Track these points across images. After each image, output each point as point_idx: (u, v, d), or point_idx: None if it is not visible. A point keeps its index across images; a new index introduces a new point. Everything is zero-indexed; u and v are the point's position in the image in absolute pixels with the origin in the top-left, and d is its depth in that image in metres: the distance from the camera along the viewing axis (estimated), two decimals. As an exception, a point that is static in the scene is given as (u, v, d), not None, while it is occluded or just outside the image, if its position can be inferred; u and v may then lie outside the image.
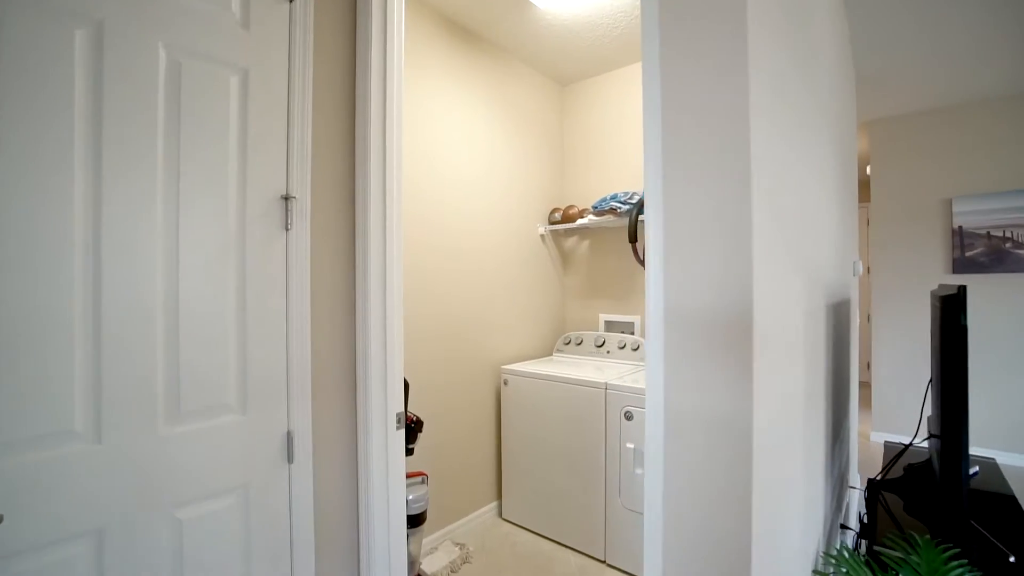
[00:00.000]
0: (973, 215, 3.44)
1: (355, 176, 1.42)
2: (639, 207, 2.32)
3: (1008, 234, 3.32)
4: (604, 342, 2.69)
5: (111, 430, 1.00)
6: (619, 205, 2.47)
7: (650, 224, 0.89)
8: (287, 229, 1.27)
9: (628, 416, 2.05)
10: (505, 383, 2.51)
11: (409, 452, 1.68)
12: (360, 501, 1.40)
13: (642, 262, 2.41)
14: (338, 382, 1.38)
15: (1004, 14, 2.32)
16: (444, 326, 2.31)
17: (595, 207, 2.58)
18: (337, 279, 1.39)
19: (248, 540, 1.20)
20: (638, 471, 2.02)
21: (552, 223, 2.89)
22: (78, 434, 0.97)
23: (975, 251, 3.44)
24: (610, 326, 2.86)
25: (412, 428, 1.63)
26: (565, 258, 3.08)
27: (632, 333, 2.74)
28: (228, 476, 1.16)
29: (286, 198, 1.26)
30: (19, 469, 0.90)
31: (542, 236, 2.91)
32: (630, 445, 2.03)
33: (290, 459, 1.27)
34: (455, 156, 2.38)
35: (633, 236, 2.28)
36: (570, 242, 3.05)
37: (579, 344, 2.78)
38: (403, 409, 1.44)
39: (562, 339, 2.87)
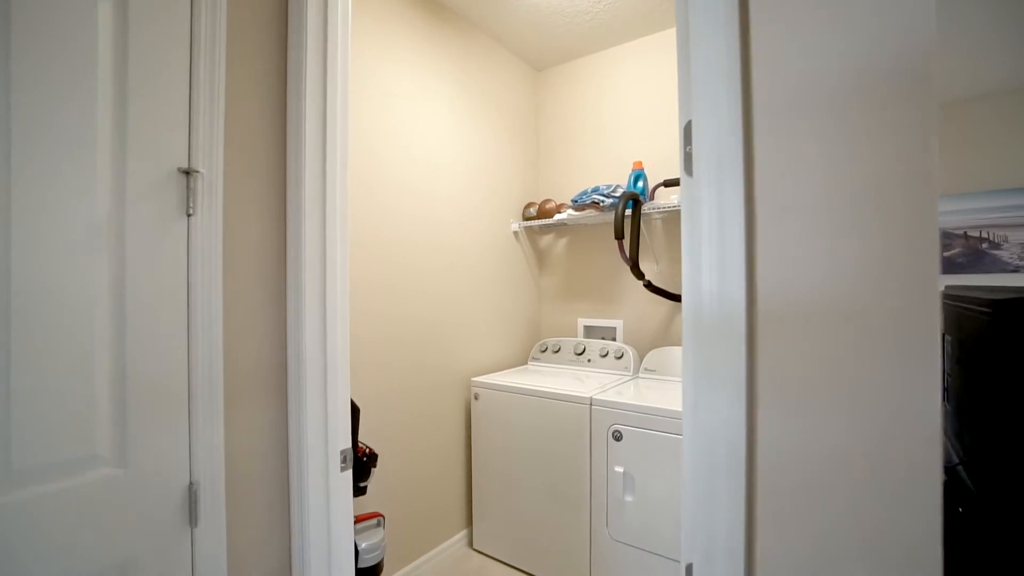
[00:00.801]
0: (950, 215, 3.40)
1: (287, 150, 1.11)
2: (626, 201, 2.08)
3: (985, 234, 3.28)
4: (584, 349, 2.44)
5: None
6: (602, 198, 2.23)
7: (715, 185, 0.62)
8: (189, 214, 0.95)
9: (617, 436, 1.81)
10: (476, 397, 2.22)
11: (361, 492, 1.38)
12: (294, 567, 1.09)
13: (629, 260, 2.18)
14: (263, 413, 1.07)
15: (964, 11, 2.23)
16: (406, 333, 2.01)
17: (575, 201, 2.33)
18: (263, 285, 1.08)
19: (130, 637, 0.88)
20: (628, 498, 1.78)
21: (527, 219, 2.63)
22: None
23: (952, 251, 3.39)
24: (590, 331, 2.62)
25: (364, 463, 1.33)
26: (540, 257, 2.82)
27: (614, 339, 2.51)
28: (98, 554, 0.84)
29: (187, 172, 0.94)
30: None
31: (515, 233, 2.64)
32: (619, 469, 1.79)
33: (193, 521, 0.95)
34: (421, 141, 2.08)
35: (620, 232, 2.05)
36: (546, 240, 2.80)
37: (556, 352, 2.53)
38: (350, 444, 1.14)
39: (538, 346, 2.61)
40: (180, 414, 0.93)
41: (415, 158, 2.06)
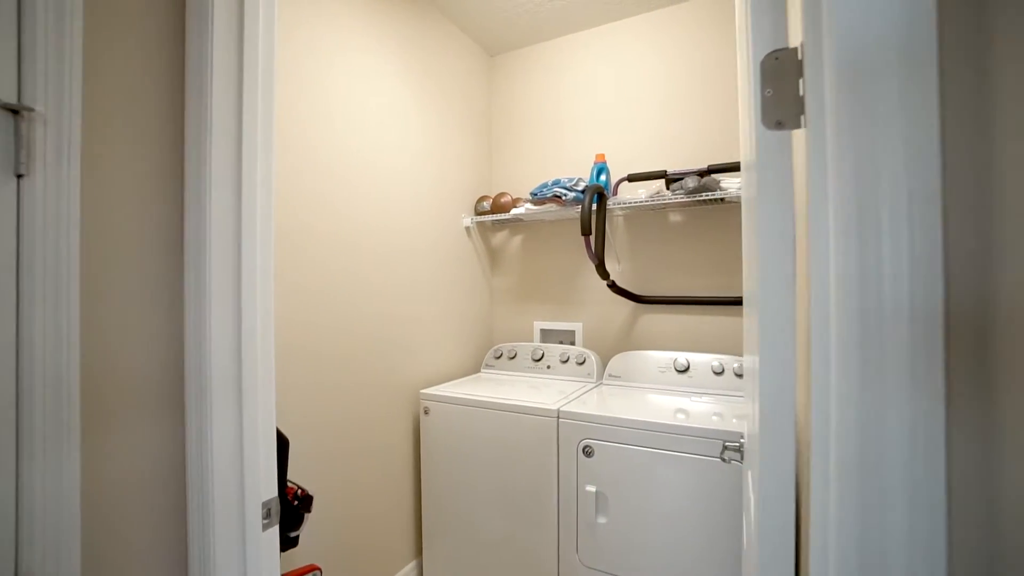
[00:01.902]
0: None
1: (185, 102, 0.82)
2: (593, 195, 1.92)
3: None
4: (543, 355, 2.25)
5: None
6: (564, 192, 2.05)
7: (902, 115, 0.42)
8: (19, 175, 0.64)
9: (588, 452, 1.63)
10: (426, 412, 1.96)
11: (291, 544, 1.09)
12: (191, 666, 0.79)
13: (595, 258, 2.02)
14: (149, 447, 0.77)
15: None
16: (344, 345, 1.71)
17: (534, 194, 2.14)
18: (150, 277, 0.78)
19: None
20: (601, 520, 1.60)
21: (479, 213, 2.40)
22: None
23: None
24: (547, 335, 2.44)
25: (295, 508, 1.05)
26: (493, 256, 2.61)
27: (573, 343, 2.35)
28: None
29: (14, 111, 0.63)
30: None
31: (467, 228, 2.41)
32: (591, 488, 1.61)
33: (26, 630, 0.64)
34: (364, 124, 1.79)
35: (587, 228, 1.87)
36: (499, 237, 2.58)
37: (512, 358, 2.32)
38: (276, 492, 0.86)
39: (492, 352, 2.39)
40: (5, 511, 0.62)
41: (357, 145, 1.77)
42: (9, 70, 0.63)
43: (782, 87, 0.47)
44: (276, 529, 0.86)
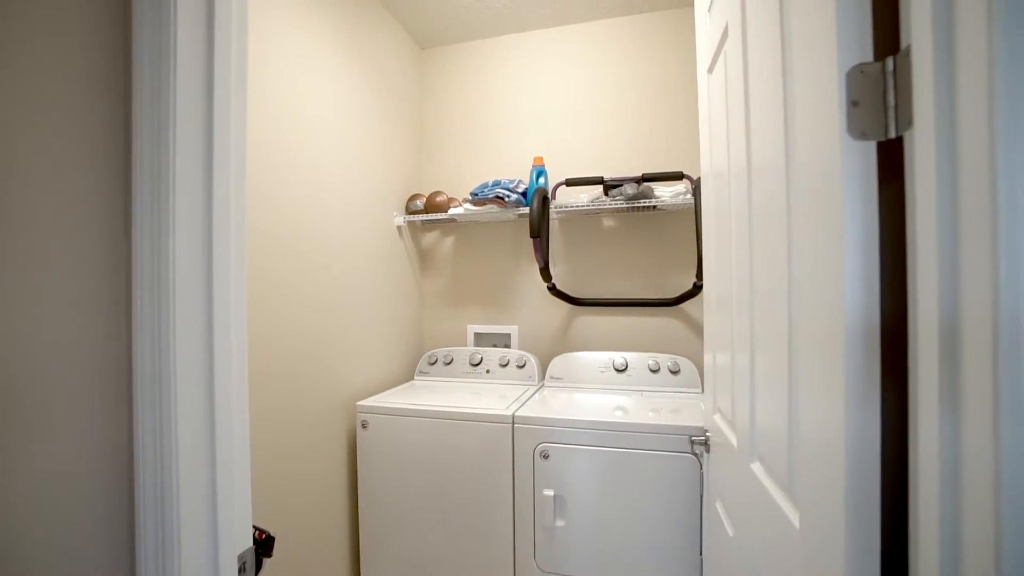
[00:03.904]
0: None
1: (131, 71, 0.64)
2: (541, 197, 1.91)
3: None
4: (481, 359, 2.20)
5: None
6: (507, 193, 2.02)
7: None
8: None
9: (545, 455, 1.61)
10: (363, 425, 1.80)
11: (240, 596, 0.91)
12: None
13: (541, 260, 2.02)
14: (80, 465, 0.59)
15: None
16: (272, 355, 1.50)
17: (474, 194, 2.08)
18: (83, 247, 0.60)
19: None
20: (559, 523, 1.59)
21: (411, 212, 2.28)
22: None
23: None
24: (481, 339, 2.39)
25: (256, 554, 0.88)
26: (423, 257, 2.49)
27: (508, 346, 2.33)
28: None
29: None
30: None
31: (399, 228, 2.27)
32: (548, 492, 1.59)
33: None
34: (300, 113, 1.59)
35: (536, 231, 1.86)
36: (430, 237, 2.47)
37: (448, 363, 2.23)
38: (251, 544, 0.71)
39: (426, 358, 2.27)
40: None
41: (291, 135, 1.57)
42: None
43: (869, 98, 0.49)
44: (253, 583, 0.71)
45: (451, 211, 2.17)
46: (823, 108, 0.54)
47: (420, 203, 2.27)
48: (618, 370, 2.02)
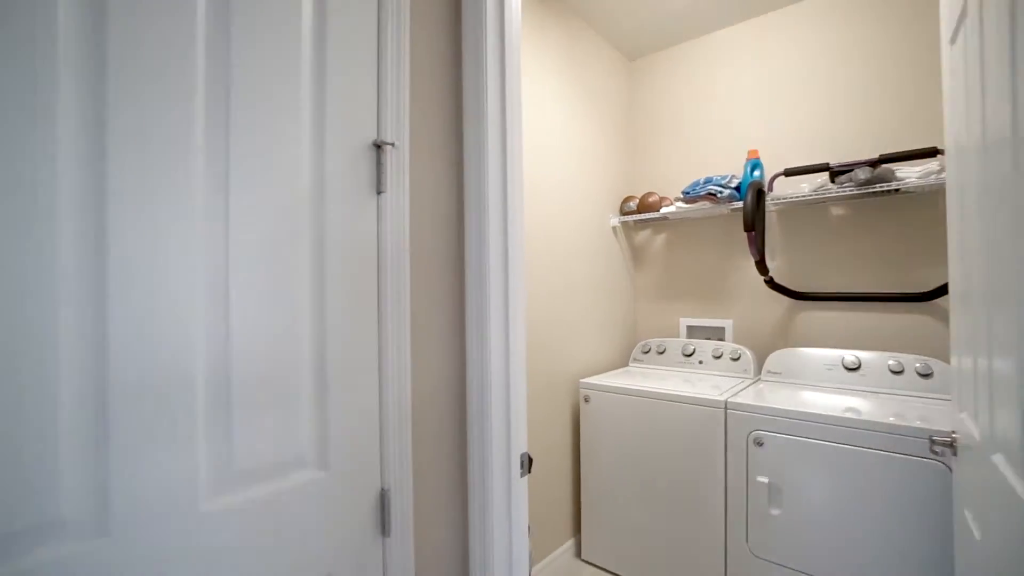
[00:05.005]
0: None
1: (463, 124, 1.02)
2: (755, 191, 1.93)
3: None
4: (694, 351, 2.29)
5: (124, 513, 0.59)
6: (719, 189, 2.08)
7: None
8: (379, 191, 0.87)
9: (759, 442, 1.65)
10: (586, 400, 2.11)
11: (510, 499, 1.28)
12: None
13: (757, 254, 2.02)
14: (442, 415, 0.98)
15: None
16: (518, 333, 1.91)
17: (686, 193, 2.19)
18: (440, 269, 0.99)
19: (328, 658, 0.80)
20: (774, 512, 1.61)
21: (625, 213, 2.50)
22: (68, 524, 0.56)
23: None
24: (693, 332, 2.46)
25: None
26: (636, 254, 2.69)
27: (722, 339, 2.35)
28: (305, 563, 0.76)
29: (378, 145, 0.86)
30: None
31: (614, 228, 2.52)
32: (763, 479, 1.63)
33: (385, 531, 0.87)
34: (528, 127, 1.99)
35: (750, 224, 1.89)
36: (642, 236, 2.66)
37: (661, 353, 2.38)
38: (526, 449, 1.04)
39: (640, 347, 2.47)
40: (370, 417, 0.85)
41: (528, 155, 1.97)
42: (371, 117, 0.86)
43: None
44: (527, 480, 1.04)
45: (663, 210, 2.32)
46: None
47: (633, 204, 2.48)
48: (849, 369, 1.88)
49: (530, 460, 1.26)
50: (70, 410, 0.55)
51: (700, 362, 2.25)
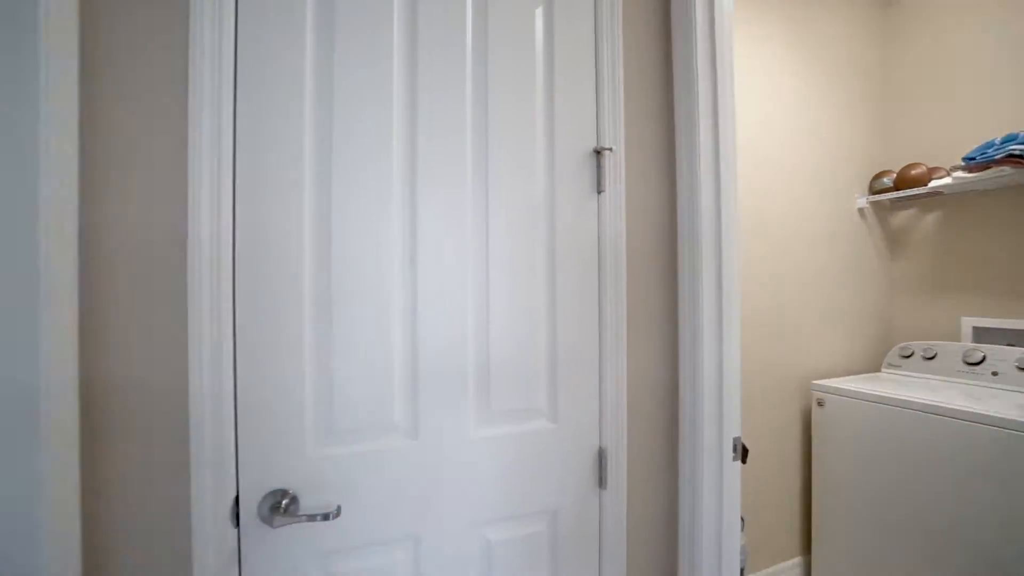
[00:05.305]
0: None
1: (674, 126, 1.08)
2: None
3: None
4: (984, 358, 1.81)
5: (427, 425, 0.87)
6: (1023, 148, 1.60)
7: None
8: (599, 191, 1.00)
9: (1088, 483, 1.24)
10: (819, 404, 1.88)
11: (724, 488, 1.27)
12: (682, 551, 1.06)
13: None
14: (653, 390, 1.07)
15: None
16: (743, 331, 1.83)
17: (969, 159, 1.74)
18: (651, 259, 1.08)
19: (556, 577, 0.97)
20: (1116, 579, 1.19)
21: (877, 191, 2.12)
22: (397, 426, 0.85)
23: None
24: (981, 335, 1.94)
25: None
26: (892, 239, 2.24)
27: (1032, 347, 1.79)
28: (535, 497, 0.95)
29: (598, 152, 1.00)
30: (352, 459, 0.82)
31: (861, 210, 2.16)
32: (1095, 532, 1.22)
33: (602, 483, 1.00)
34: (748, 109, 1.88)
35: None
36: (902, 217, 2.20)
37: (930, 359, 1.95)
38: (739, 434, 1.04)
39: (897, 350, 2.07)
40: (591, 386, 1.00)
41: (742, 131, 1.87)
42: (591, 127, 1.00)
43: None
44: (739, 464, 1.05)
45: (933, 183, 1.90)
46: None
47: (888, 180, 2.08)
48: None
49: (744, 449, 1.24)
50: (399, 375, 0.85)
51: (994, 373, 1.77)
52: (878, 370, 2.13)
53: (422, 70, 0.87)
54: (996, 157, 1.67)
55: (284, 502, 0.77)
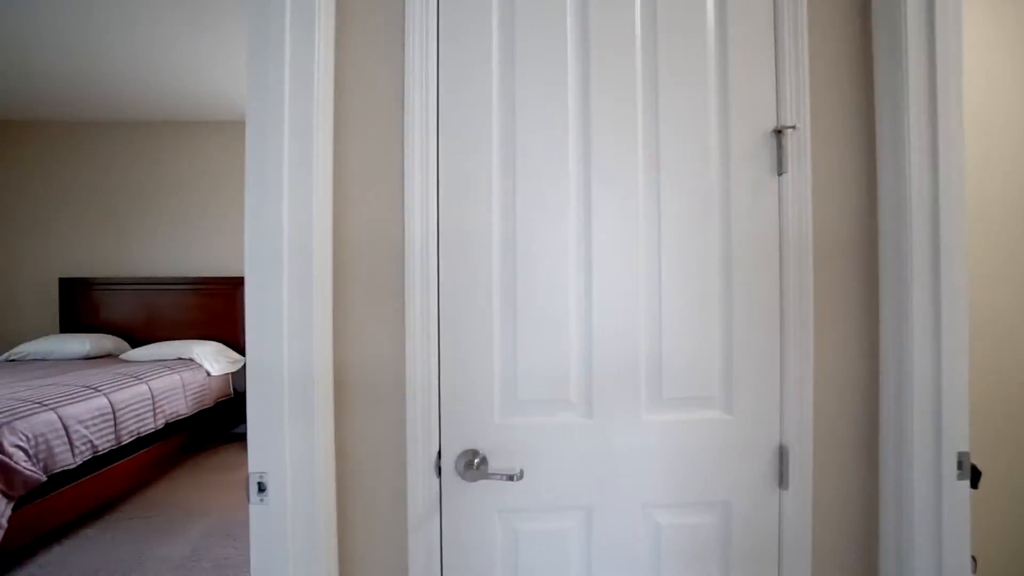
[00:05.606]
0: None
1: (875, 102, 0.95)
2: None
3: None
4: None
5: (600, 406, 0.92)
6: None
7: None
8: (780, 173, 0.94)
9: None
10: (1092, 428, 1.46)
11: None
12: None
13: None
14: (844, 389, 0.97)
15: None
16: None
17: None
18: (843, 245, 0.97)
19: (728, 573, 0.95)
20: None
21: None
22: (573, 405, 0.92)
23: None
24: None
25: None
26: None
27: None
28: (706, 487, 0.94)
29: (778, 131, 0.93)
30: (533, 430, 0.92)
31: None
32: None
33: (782, 483, 0.94)
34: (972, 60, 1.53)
35: None
36: None
37: None
38: (968, 450, 0.89)
39: None
40: (771, 379, 0.94)
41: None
42: (771, 105, 0.94)
43: None
44: (967, 483, 0.89)
45: None
46: None
47: None
48: None
49: (976, 471, 1.04)
50: (575, 360, 0.92)
51: None
52: None
53: (595, 72, 0.91)
54: None
55: (476, 460, 0.90)
